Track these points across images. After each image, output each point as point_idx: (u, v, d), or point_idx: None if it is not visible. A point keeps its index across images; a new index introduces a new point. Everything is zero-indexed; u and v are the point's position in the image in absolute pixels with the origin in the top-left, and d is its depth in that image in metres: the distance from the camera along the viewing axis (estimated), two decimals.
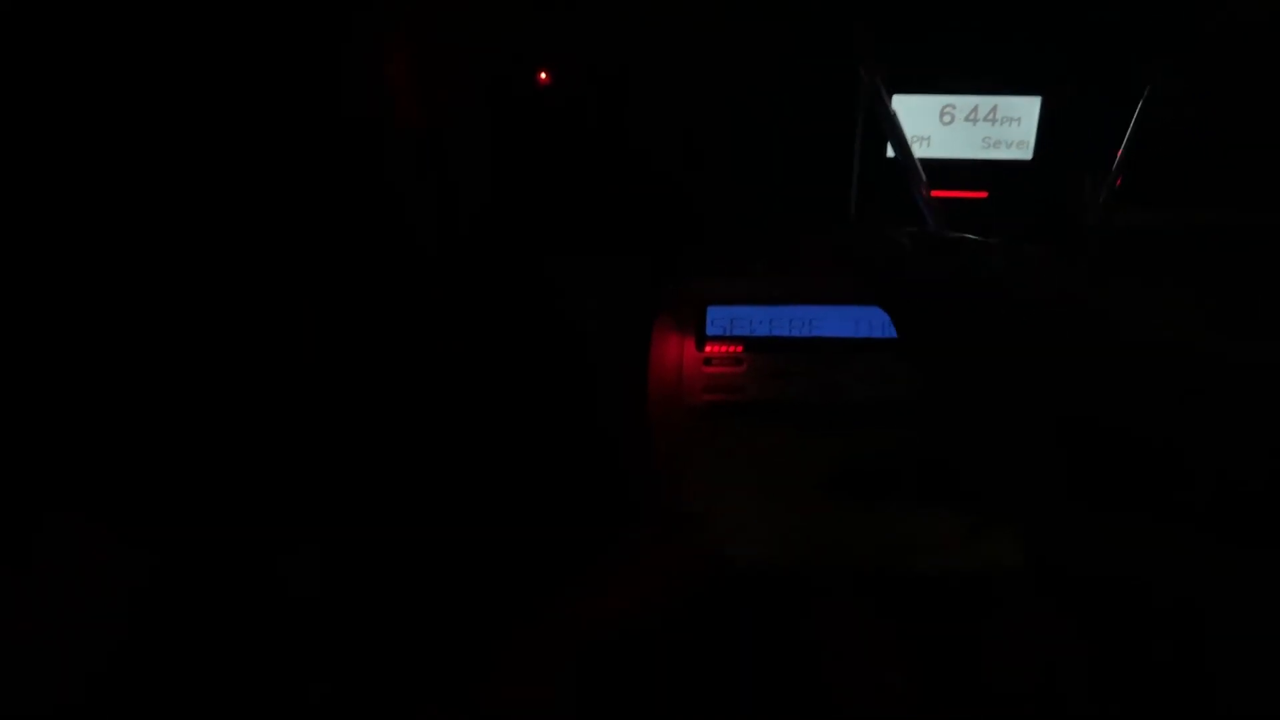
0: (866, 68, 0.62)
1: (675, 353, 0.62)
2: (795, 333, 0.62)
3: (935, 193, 0.68)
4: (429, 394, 0.60)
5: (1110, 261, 0.64)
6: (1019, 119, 0.70)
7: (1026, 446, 0.57)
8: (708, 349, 0.61)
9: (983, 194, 0.73)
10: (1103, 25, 0.67)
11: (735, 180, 0.70)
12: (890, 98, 0.69)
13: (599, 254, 0.68)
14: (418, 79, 0.56)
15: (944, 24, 0.70)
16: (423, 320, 0.59)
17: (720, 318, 0.63)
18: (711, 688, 0.54)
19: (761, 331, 0.62)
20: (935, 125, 0.71)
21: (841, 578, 0.56)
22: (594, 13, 0.63)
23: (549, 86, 0.64)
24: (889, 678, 0.55)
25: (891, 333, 0.61)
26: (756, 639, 0.55)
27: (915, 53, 0.70)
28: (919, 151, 0.71)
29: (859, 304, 0.62)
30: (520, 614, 0.57)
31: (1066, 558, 0.56)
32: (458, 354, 0.60)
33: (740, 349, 0.61)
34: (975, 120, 0.71)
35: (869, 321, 0.62)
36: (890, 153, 0.70)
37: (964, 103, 0.71)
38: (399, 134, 0.56)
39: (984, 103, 0.70)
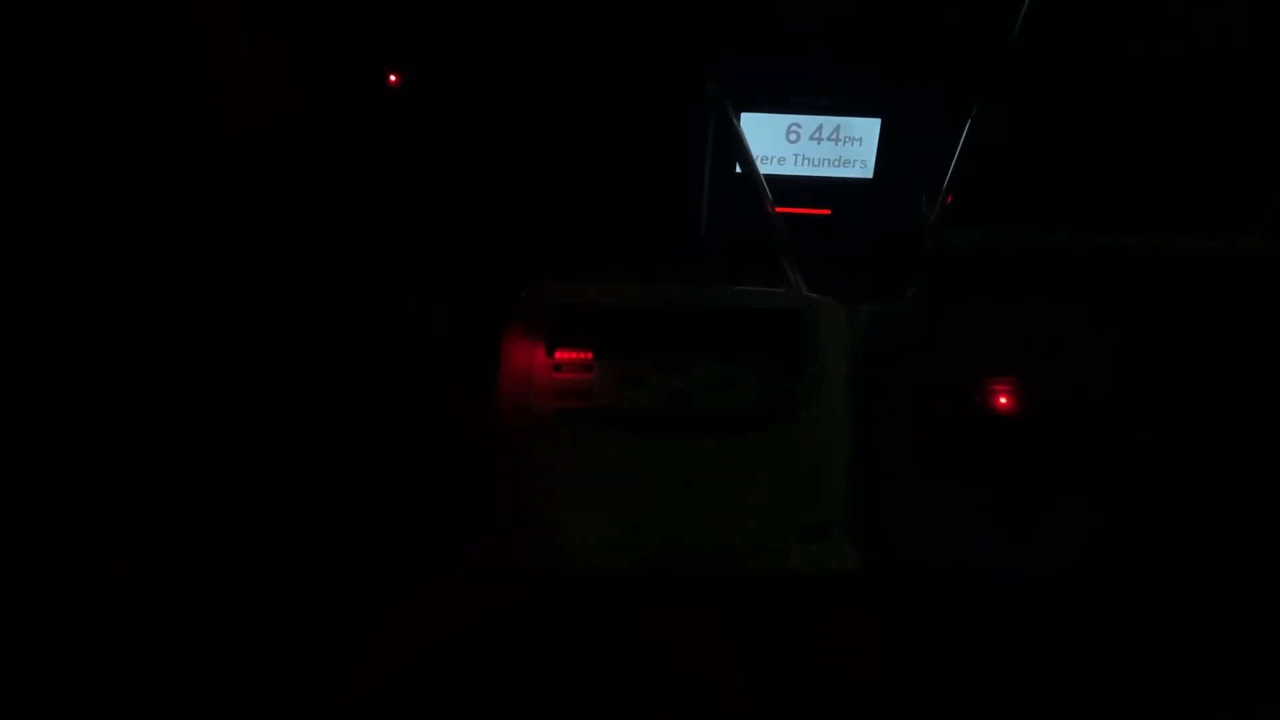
0: (712, 83, 0.64)
1: (525, 359, 0.61)
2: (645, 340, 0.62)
3: (780, 209, 0.70)
4: (274, 401, 0.58)
5: (941, 279, 0.67)
6: (860, 138, 0.73)
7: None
8: (557, 355, 0.61)
9: (826, 211, 0.76)
10: (942, 47, 0.71)
11: (588, 190, 0.71)
12: (738, 115, 0.71)
13: (450, 260, 0.67)
14: (249, 68, 0.54)
15: (791, 46, 0.72)
16: (268, 330, 0.57)
17: None
18: (552, 692, 0.53)
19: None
20: (782, 143, 0.74)
21: (683, 581, 0.57)
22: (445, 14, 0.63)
23: (398, 87, 0.63)
24: (730, 681, 0.55)
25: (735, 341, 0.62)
26: (598, 643, 0.55)
27: (763, 73, 0.72)
28: (766, 169, 0.73)
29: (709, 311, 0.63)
30: (362, 620, 0.55)
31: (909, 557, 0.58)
32: (306, 362, 0.59)
33: (590, 355, 0.61)
34: (819, 139, 0.74)
35: (718, 330, 0.63)
36: (738, 169, 0.71)
37: (809, 122, 0.73)
38: (230, 132, 0.54)
39: (828, 122, 0.73)
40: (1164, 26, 0.65)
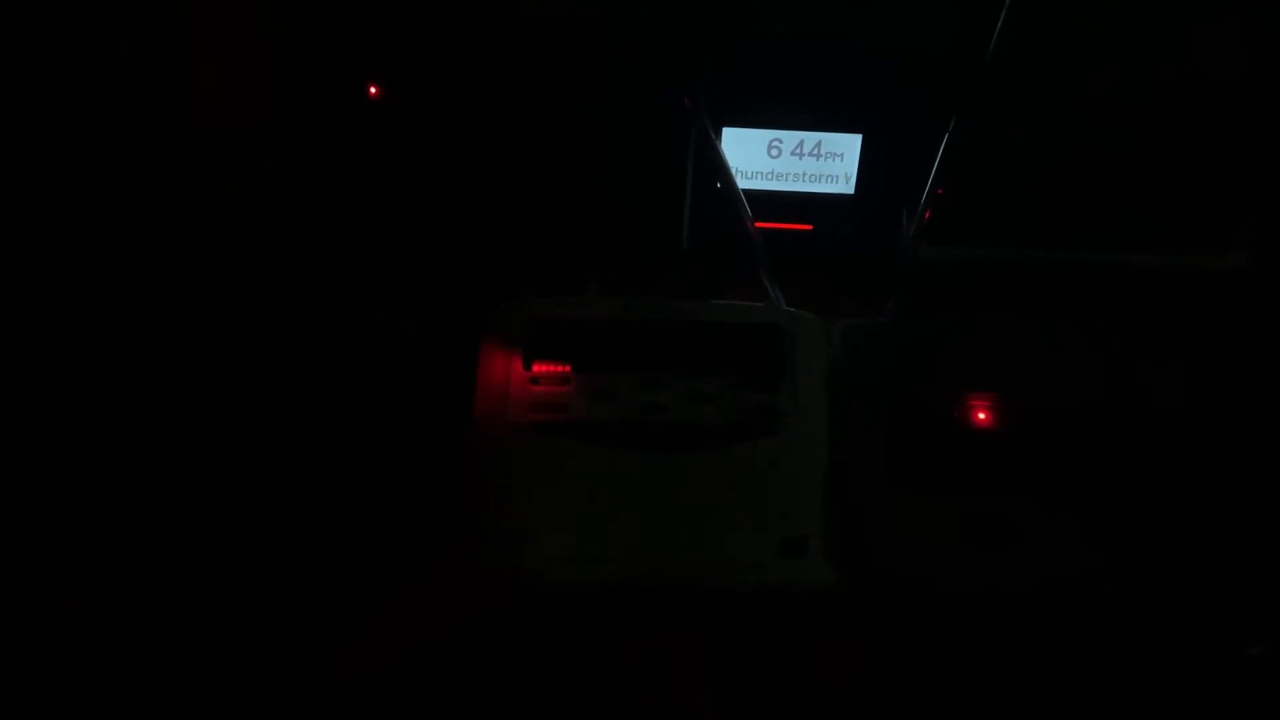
0: (690, 97, 0.64)
1: (502, 371, 0.61)
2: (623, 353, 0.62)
3: (761, 224, 0.70)
4: (246, 408, 0.58)
5: (920, 294, 0.67)
6: (842, 154, 0.74)
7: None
8: (535, 368, 0.61)
9: (807, 226, 0.76)
10: (923, 65, 0.71)
11: (569, 203, 0.71)
12: (719, 130, 0.71)
13: (427, 270, 0.67)
14: (225, 75, 0.54)
15: (773, 62, 0.73)
16: (233, 326, 0.57)
17: None
18: (521, 706, 0.53)
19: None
20: (763, 158, 0.74)
21: (656, 596, 0.56)
22: (424, 29, 0.63)
23: (378, 100, 0.63)
24: (702, 696, 0.55)
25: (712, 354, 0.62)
26: (569, 657, 0.54)
27: (745, 87, 0.73)
28: (747, 184, 0.73)
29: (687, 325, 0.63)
30: (330, 632, 0.55)
31: (879, 574, 0.58)
32: (278, 369, 0.58)
33: (568, 368, 0.61)
34: (801, 154, 0.74)
35: (696, 343, 0.63)
36: (718, 184, 0.71)
37: (790, 137, 0.73)
38: (201, 133, 0.54)
39: (809, 138, 0.73)
40: (1143, 44, 0.66)
